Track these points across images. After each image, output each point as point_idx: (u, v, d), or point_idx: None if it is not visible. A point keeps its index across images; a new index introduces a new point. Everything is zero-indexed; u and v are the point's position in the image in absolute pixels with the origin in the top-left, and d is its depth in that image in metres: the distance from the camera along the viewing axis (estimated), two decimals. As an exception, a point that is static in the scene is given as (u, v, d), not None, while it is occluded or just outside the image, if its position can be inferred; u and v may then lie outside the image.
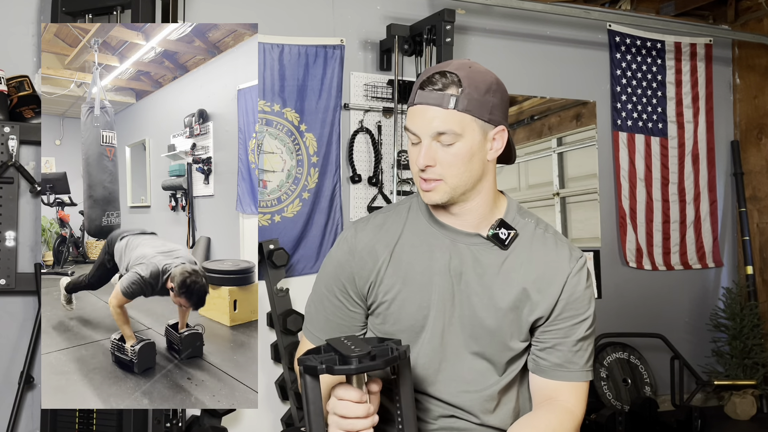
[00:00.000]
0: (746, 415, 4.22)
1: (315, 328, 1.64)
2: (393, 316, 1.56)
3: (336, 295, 1.60)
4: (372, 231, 1.59)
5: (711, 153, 4.67)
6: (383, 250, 1.56)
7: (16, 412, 3.02)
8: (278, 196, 3.59)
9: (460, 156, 1.45)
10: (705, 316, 4.60)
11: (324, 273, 1.63)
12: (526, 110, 4.20)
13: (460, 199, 1.51)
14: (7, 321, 3.12)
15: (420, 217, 1.59)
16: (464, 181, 1.48)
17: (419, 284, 1.54)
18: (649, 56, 4.51)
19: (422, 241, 1.56)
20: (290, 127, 3.61)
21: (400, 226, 1.59)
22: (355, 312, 1.60)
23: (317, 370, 1.28)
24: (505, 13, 4.10)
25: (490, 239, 1.53)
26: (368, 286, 1.57)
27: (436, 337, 1.54)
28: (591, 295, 1.58)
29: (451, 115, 1.43)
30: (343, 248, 1.60)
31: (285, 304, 3.37)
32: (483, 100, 1.45)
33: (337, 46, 3.69)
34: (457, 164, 1.46)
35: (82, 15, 3.16)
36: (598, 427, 3.70)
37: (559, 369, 1.55)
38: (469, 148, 1.46)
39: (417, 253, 1.55)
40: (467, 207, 1.53)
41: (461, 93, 1.43)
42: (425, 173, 1.47)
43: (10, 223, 3.06)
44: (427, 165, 1.46)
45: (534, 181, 4.24)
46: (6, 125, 3.02)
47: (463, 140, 1.45)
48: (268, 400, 3.49)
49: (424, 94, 1.45)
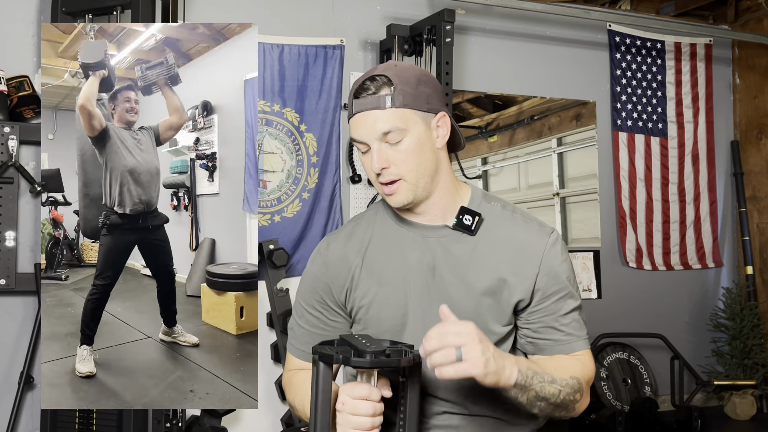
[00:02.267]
0: (746, 415, 4.22)
1: (299, 342, 1.65)
2: (373, 319, 1.57)
3: (315, 308, 1.63)
4: (343, 240, 1.63)
5: (711, 153, 4.67)
6: (355, 256, 1.59)
7: (16, 412, 3.02)
8: (278, 196, 3.59)
9: (410, 150, 1.49)
10: (705, 316, 4.60)
11: (302, 289, 1.66)
12: (526, 110, 4.21)
13: (423, 196, 1.54)
14: (7, 321, 3.12)
15: (387, 219, 1.63)
16: (422, 174, 1.51)
17: (394, 284, 1.56)
18: (649, 56, 4.51)
19: (392, 241, 1.59)
20: (290, 127, 3.61)
21: (370, 232, 1.62)
22: (337, 322, 1.62)
23: (333, 359, 1.29)
24: (505, 13, 4.10)
25: (456, 228, 1.56)
26: (345, 293, 1.59)
27: (419, 333, 1.54)
28: (570, 266, 1.60)
29: (390, 113, 1.47)
30: (317, 262, 1.63)
31: (285, 304, 3.37)
32: (417, 93, 1.49)
33: (337, 46, 3.69)
34: (410, 159, 1.50)
35: (82, 15, 3.16)
36: (598, 427, 3.70)
37: (559, 344, 1.57)
38: (417, 140, 1.50)
39: (388, 255, 1.58)
40: (430, 202, 1.56)
41: (394, 90, 1.47)
42: (382, 176, 1.51)
43: (10, 223, 3.06)
44: (383, 167, 1.50)
45: (534, 181, 4.24)
46: (6, 125, 3.02)
47: (409, 135, 1.49)
48: (268, 400, 3.49)
49: (359, 101, 1.50)
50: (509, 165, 4.18)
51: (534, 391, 1.43)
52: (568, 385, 1.49)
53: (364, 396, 1.34)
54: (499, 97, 4.15)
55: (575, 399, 1.51)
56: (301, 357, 1.65)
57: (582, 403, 1.55)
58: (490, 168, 4.13)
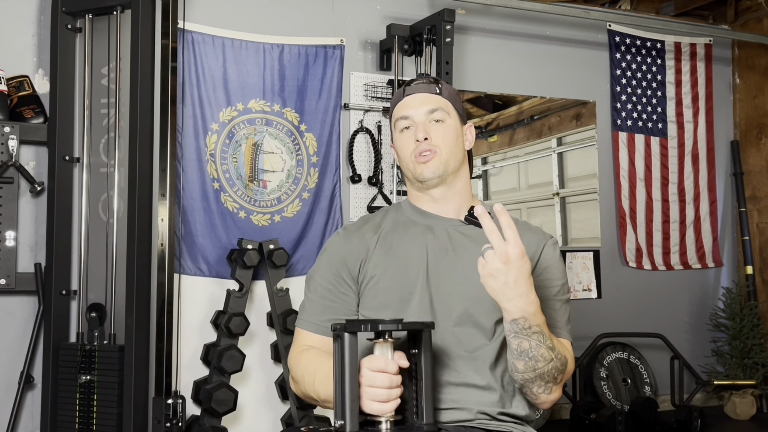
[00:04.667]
0: (746, 415, 4.23)
1: (308, 315, 1.70)
2: (383, 289, 1.64)
3: (330, 280, 1.69)
4: (359, 224, 1.76)
5: (711, 153, 4.67)
6: (372, 234, 1.70)
7: (16, 412, 3.03)
8: (278, 196, 3.59)
9: (449, 132, 1.69)
10: (705, 316, 4.60)
11: (317, 266, 1.75)
12: (526, 110, 4.21)
13: (447, 180, 1.68)
14: (7, 321, 3.12)
15: (404, 211, 1.76)
16: (453, 156, 1.68)
17: (406, 259, 1.65)
18: (649, 56, 4.51)
19: (408, 225, 1.71)
20: (290, 127, 3.61)
21: (386, 219, 1.75)
22: (346, 294, 1.68)
23: (361, 327, 1.36)
24: (505, 13, 4.10)
25: (468, 219, 1.69)
26: (359, 264, 1.67)
27: (425, 307, 1.61)
28: (563, 268, 1.73)
29: (440, 98, 1.70)
30: (334, 240, 1.75)
31: (285, 304, 3.37)
32: (457, 98, 1.75)
33: (337, 46, 3.69)
34: (448, 137, 1.68)
35: (82, 15, 3.16)
36: (598, 427, 3.70)
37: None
38: (455, 128, 1.70)
39: (403, 234, 1.69)
40: (451, 192, 1.70)
41: (442, 86, 1.72)
42: (422, 145, 1.65)
43: (10, 223, 3.07)
44: (425, 137, 1.65)
45: (534, 181, 4.24)
46: (6, 125, 3.02)
47: (450, 120, 1.70)
48: (268, 400, 3.49)
49: (412, 87, 1.72)
50: (509, 165, 4.19)
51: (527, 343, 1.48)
52: (558, 359, 1.53)
53: (381, 368, 1.39)
54: (499, 97, 4.15)
55: (556, 378, 1.54)
56: (312, 330, 1.68)
57: (557, 389, 1.57)
58: (490, 168, 4.14)
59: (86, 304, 3.10)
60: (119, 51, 3.15)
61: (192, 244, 3.39)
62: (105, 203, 3.16)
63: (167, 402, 2.98)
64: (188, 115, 3.41)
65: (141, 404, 2.96)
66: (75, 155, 3.16)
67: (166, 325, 3.06)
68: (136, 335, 2.95)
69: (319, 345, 1.66)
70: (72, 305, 3.14)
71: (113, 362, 2.96)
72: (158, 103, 3.13)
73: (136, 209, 2.99)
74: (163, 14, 3.15)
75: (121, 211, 3.10)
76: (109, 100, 3.17)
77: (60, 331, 3.06)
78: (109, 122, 3.17)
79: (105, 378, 2.96)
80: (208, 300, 3.39)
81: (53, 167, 3.09)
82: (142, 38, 3.05)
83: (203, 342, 3.36)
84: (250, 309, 3.43)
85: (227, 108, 3.51)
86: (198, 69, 3.43)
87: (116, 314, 3.07)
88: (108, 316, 3.08)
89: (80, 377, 2.96)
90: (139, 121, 3.02)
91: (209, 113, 3.47)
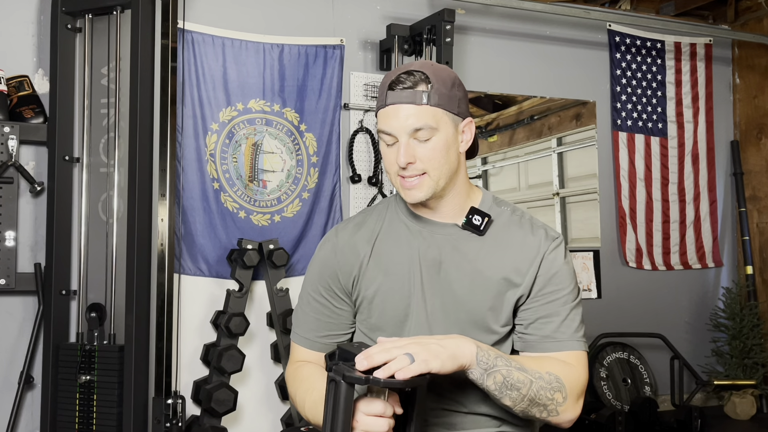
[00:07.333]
0: (746, 415, 4.22)
1: (303, 330, 1.65)
2: (377, 308, 1.58)
3: (322, 294, 1.63)
4: (352, 230, 1.64)
5: (711, 153, 4.67)
6: (364, 245, 1.60)
7: (16, 412, 3.03)
8: (278, 196, 3.59)
9: (437, 149, 1.50)
10: (705, 316, 4.60)
11: (309, 276, 1.67)
12: (526, 110, 4.21)
13: (440, 194, 1.56)
14: (7, 321, 3.12)
15: (398, 213, 1.64)
16: (444, 174, 1.53)
17: (400, 275, 1.57)
18: (649, 56, 4.51)
19: (401, 234, 1.61)
20: (290, 127, 3.61)
21: (380, 224, 1.64)
22: (342, 310, 1.63)
23: (362, 380, 1.26)
24: (505, 13, 4.10)
25: (465, 227, 1.57)
26: (352, 280, 1.60)
27: (422, 326, 1.56)
28: (571, 270, 1.59)
29: (425, 110, 1.48)
30: (326, 248, 1.65)
31: (285, 304, 3.37)
32: (450, 94, 1.51)
33: (336, 46, 3.69)
34: (437, 157, 1.50)
35: (82, 15, 3.16)
36: (598, 427, 3.70)
37: (547, 340, 1.54)
38: (445, 141, 1.51)
39: (397, 247, 1.59)
40: (444, 200, 1.58)
41: (431, 89, 1.48)
42: (406, 171, 1.51)
43: (10, 223, 3.07)
44: (408, 162, 1.50)
45: (534, 181, 4.24)
46: (6, 125, 3.02)
47: (438, 134, 1.50)
48: (267, 400, 3.49)
49: (394, 93, 1.49)
50: (509, 165, 4.19)
51: (500, 374, 1.40)
52: (542, 378, 1.44)
53: (380, 413, 1.32)
54: (499, 97, 4.15)
55: (554, 398, 1.45)
56: (306, 345, 1.65)
57: (567, 407, 1.47)
58: (490, 168, 4.13)
59: (86, 304, 3.10)
60: (119, 51, 3.15)
61: (192, 244, 3.39)
62: (105, 203, 3.16)
63: (167, 402, 2.98)
64: (188, 115, 3.41)
65: (141, 404, 2.96)
66: (75, 155, 3.16)
67: (166, 325, 3.06)
68: (136, 335, 2.95)
69: (314, 360, 1.64)
70: (72, 305, 3.14)
71: (113, 362, 2.96)
72: (158, 103, 3.13)
73: (136, 209, 2.98)
74: (163, 14, 3.15)
75: (121, 211, 3.10)
76: (109, 100, 3.18)
77: (60, 331, 3.06)
78: (109, 122, 3.17)
79: (105, 378, 2.96)
80: (208, 300, 3.39)
81: (53, 167, 3.09)
82: (142, 38, 3.04)
83: (203, 342, 3.36)
84: (249, 309, 3.43)
85: (227, 108, 3.51)
86: (198, 69, 3.43)
87: (116, 314, 3.07)
88: (108, 316, 3.08)
89: (80, 377, 2.96)
90: (138, 121, 3.02)
91: (209, 113, 3.47)
